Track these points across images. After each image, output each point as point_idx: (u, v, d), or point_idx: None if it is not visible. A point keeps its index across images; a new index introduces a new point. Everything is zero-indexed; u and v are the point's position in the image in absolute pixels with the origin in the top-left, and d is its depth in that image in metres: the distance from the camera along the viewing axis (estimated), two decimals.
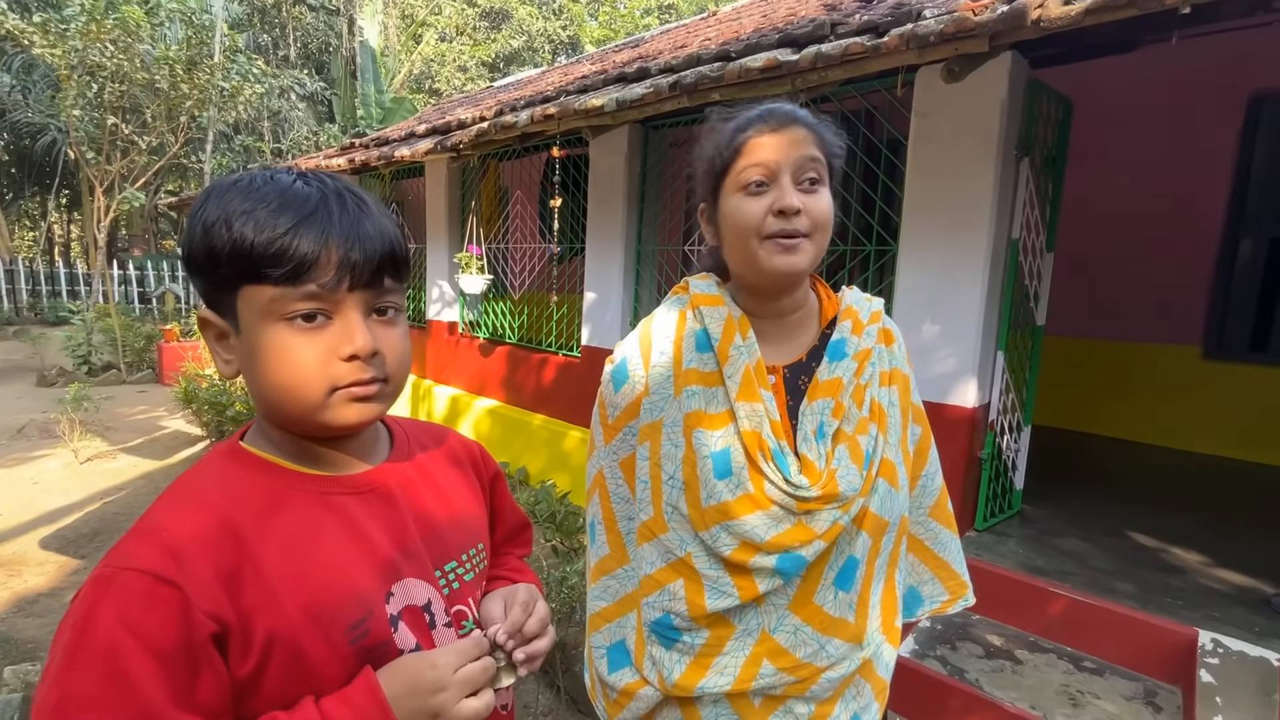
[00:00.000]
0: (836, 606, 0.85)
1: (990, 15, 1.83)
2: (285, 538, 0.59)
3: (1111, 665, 2.22)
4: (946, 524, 1.00)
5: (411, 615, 0.65)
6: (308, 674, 0.58)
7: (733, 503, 0.83)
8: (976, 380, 2.59)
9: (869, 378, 0.89)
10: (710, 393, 0.88)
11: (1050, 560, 2.57)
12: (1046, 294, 2.98)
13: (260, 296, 0.57)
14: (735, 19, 6.41)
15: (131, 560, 0.53)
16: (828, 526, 0.82)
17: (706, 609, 0.84)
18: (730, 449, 0.85)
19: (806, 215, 0.82)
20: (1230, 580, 2.45)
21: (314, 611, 0.58)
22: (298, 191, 0.59)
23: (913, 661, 2.21)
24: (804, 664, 0.84)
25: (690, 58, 2.94)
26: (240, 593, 0.55)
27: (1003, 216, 2.55)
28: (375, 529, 0.65)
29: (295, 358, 0.58)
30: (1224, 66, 3.88)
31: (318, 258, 0.57)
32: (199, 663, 0.53)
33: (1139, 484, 3.64)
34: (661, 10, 21.47)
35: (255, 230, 0.56)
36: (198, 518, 0.57)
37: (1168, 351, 4.31)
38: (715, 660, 0.85)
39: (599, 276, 4.16)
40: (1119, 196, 4.31)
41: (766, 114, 0.85)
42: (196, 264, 0.59)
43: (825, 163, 0.84)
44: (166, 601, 0.52)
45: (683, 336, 0.92)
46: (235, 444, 0.65)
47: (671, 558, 0.87)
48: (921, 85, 2.60)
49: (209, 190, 0.60)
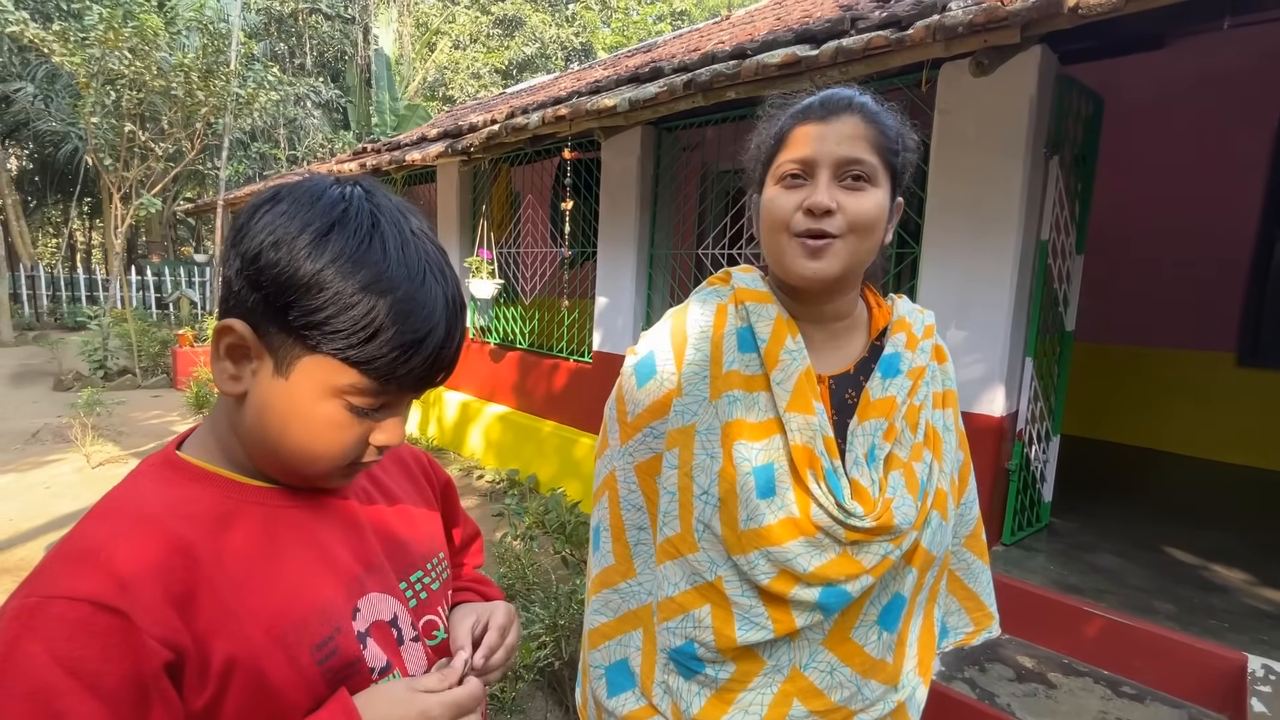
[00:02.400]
0: (879, 647, 0.77)
1: (1024, 4, 1.74)
2: (241, 554, 0.54)
3: (1153, 691, 2.09)
4: (980, 554, 0.94)
5: (379, 631, 0.60)
6: (270, 701, 0.52)
7: (775, 526, 0.74)
8: (1004, 388, 2.48)
9: (923, 398, 0.81)
10: (752, 398, 0.79)
11: (1083, 577, 2.45)
12: (1076, 298, 2.86)
13: (337, 376, 0.54)
14: (749, 22, 6.35)
15: (62, 588, 0.46)
16: (877, 561, 0.74)
17: (736, 641, 0.75)
18: (774, 465, 0.76)
19: (842, 215, 0.73)
20: (1278, 601, 2.32)
21: (276, 631, 0.53)
22: (435, 310, 0.55)
23: (940, 684, 2.10)
24: (839, 707, 0.76)
25: (705, 56, 2.87)
26: (194, 615, 0.50)
27: (1031, 217, 2.45)
28: (335, 543, 0.61)
29: (337, 436, 0.56)
30: (1256, 64, 3.74)
31: (420, 383, 0.57)
32: (149, 698, 0.47)
33: (1172, 496, 3.49)
34: (674, 16, 21.51)
35: (391, 349, 0.53)
36: (140, 536, 0.50)
37: (1200, 358, 4.15)
38: (740, 696, 0.77)
39: (611, 281, 4.09)
40: (1150, 197, 4.17)
41: (819, 102, 0.77)
42: (278, 299, 0.52)
43: (880, 159, 0.75)
44: (109, 632, 0.46)
45: (723, 334, 0.82)
46: (171, 455, 0.59)
47: (699, 581, 0.78)
48: (945, 82, 2.51)
49: (315, 222, 0.52)
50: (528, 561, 2.79)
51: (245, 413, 0.56)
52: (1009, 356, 2.47)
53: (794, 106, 0.79)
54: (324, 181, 0.56)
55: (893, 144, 0.76)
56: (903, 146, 0.78)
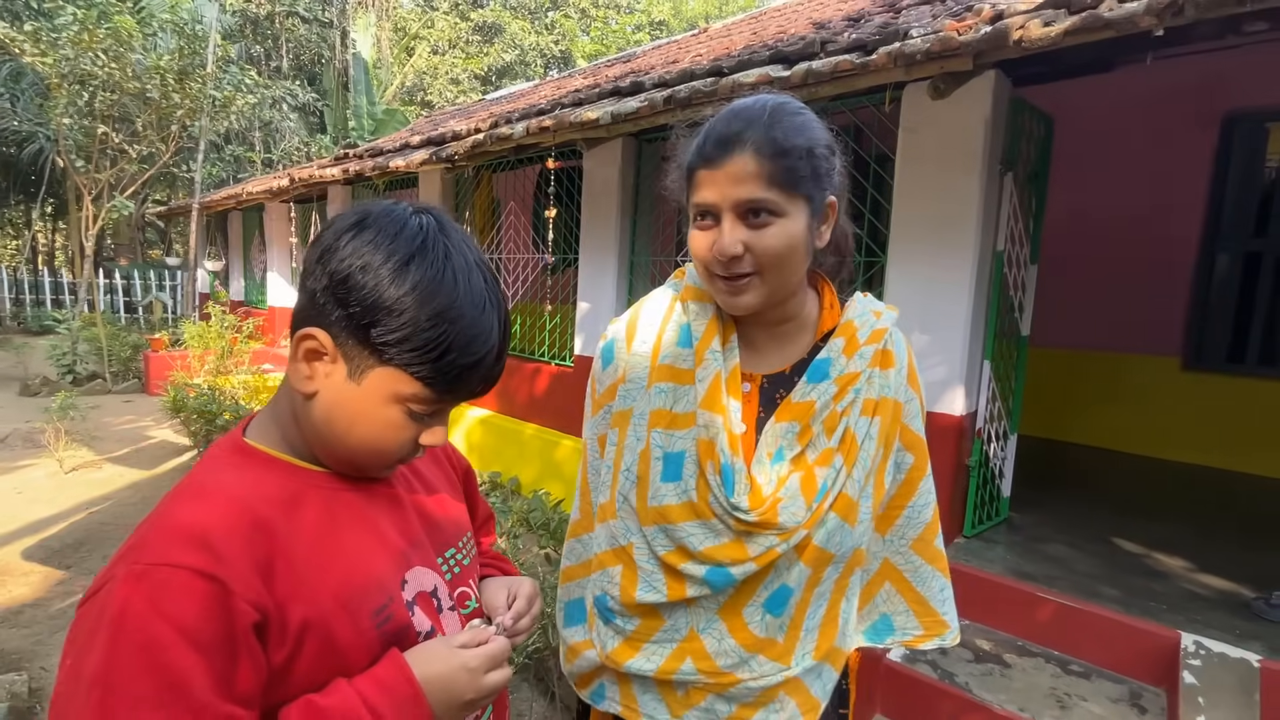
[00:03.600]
0: (764, 628, 0.84)
1: (974, 35, 1.90)
2: (309, 531, 0.62)
3: (1098, 668, 2.26)
4: (930, 560, 0.94)
5: (423, 600, 0.69)
6: (337, 659, 0.60)
7: (675, 507, 0.83)
8: (964, 389, 2.64)
9: (848, 404, 0.83)
10: (681, 390, 0.86)
11: (1037, 566, 2.61)
12: (1031, 305, 3.05)
13: (405, 387, 0.62)
14: (726, 35, 6.53)
15: (166, 557, 0.54)
16: (761, 552, 0.80)
17: (636, 599, 0.86)
18: (684, 454, 0.84)
19: (751, 254, 0.77)
20: (1212, 585, 2.51)
21: (342, 598, 0.61)
22: (491, 335, 0.64)
23: (903, 666, 2.24)
24: (725, 673, 0.84)
25: (683, 73, 3.00)
26: (274, 583, 0.57)
27: (987, 229, 2.62)
28: (384, 523, 0.69)
29: (396, 435, 0.65)
30: (1199, 86, 4.01)
31: (470, 394, 0.66)
32: (239, 653, 0.54)
33: (1122, 492, 3.71)
34: (653, 26, 21.74)
35: (453, 369, 0.62)
36: (228, 513, 0.58)
37: (1149, 363, 4.40)
38: (644, 646, 0.88)
39: (592, 286, 4.20)
40: (1101, 211, 4.42)
41: (713, 141, 0.78)
42: (362, 318, 0.60)
43: (780, 189, 0.76)
44: (207, 595, 0.53)
45: (667, 327, 0.90)
46: (239, 440, 0.67)
47: (616, 544, 0.89)
48: (909, 102, 2.68)
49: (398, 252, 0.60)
50: (513, 558, 2.87)
51: (314, 409, 0.64)
52: (968, 359, 2.64)
53: (694, 145, 0.81)
54: (404, 211, 0.63)
55: (794, 163, 0.76)
56: (808, 156, 0.77)
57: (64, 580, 3.23)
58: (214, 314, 6.60)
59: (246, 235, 10.23)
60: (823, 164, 0.79)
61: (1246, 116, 4.00)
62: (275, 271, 8.75)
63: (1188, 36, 2.13)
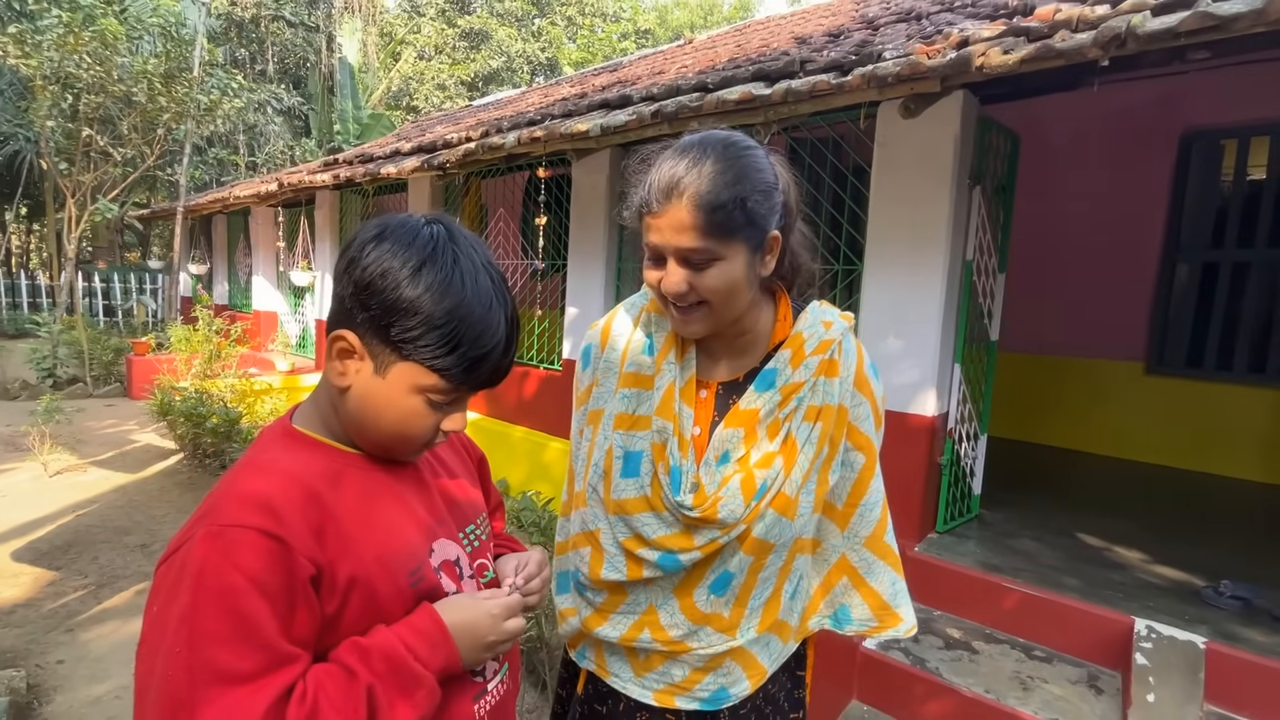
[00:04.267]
0: (709, 605, 0.95)
1: (940, 60, 2.04)
2: (351, 502, 0.72)
3: (1059, 653, 2.40)
4: (881, 555, 1.01)
5: (447, 568, 0.79)
6: (378, 612, 0.70)
7: (632, 500, 0.95)
8: (936, 391, 2.78)
9: (791, 411, 0.91)
10: (643, 395, 0.96)
11: (1005, 559, 2.75)
12: (999, 311, 3.21)
13: (424, 379, 0.70)
14: (711, 47, 6.69)
15: (236, 519, 0.63)
16: (706, 542, 0.91)
17: (600, 577, 0.98)
18: (642, 454, 0.95)
19: (695, 291, 0.85)
20: (1166, 575, 2.67)
21: (383, 559, 0.71)
22: (499, 330, 0.72)
23: (878, 653, 2.36)
24: (677, 641, 0.96)
25: (670, 88, 3.13)
26: (326, 543, 0.67)
27: (957, 240, 2.77)
28: (412, 499, 0.79)
29: (418, 422, 0.73)
30: (1157, 105, 4.23)
31: (483, 384, 0.74)
32: (298, 601, 0.64)
33: (1087, 490, 3.88)
34: (638, 35, 21.96)
35: (466, 361, 0.70)
36: (286, 485, 0.67)
37: (1115, 368, 4.60)
38: (611, 616, 1.00)
39: (581, 292, 4.30)
40: (1068, 222, 4.63)
41: (656, 192, 0.83)
42: (383, 319, 0.68)
43: (716, 237, 0.81)
44: (272, 551, 0.62)
45: (634, 336, 1.00)
46: (288, 426, 0.77)
47: (586, 528, 1.01)
48: (883, 118, 2.82)
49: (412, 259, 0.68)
50: None
51: (348, 401, 0.73)
52: (939, 363, 2.78)
53: (644, 187, 0.87)
54: (418, 223, 0.72)
55: (727, 215, 0.81)
56: (744, 204, 0.82)
57: (55, 581, 3.25)
58: (201, 317, 6.59)
59: (231, 239, 10.18)
60: (759, 208, 0.84)
61: (1203, 134, 4.22)
62: (261, 275, 8.73)
63: (1138, 63, 2.30)
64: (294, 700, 0.62)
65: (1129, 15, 1.77)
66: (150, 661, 0.60)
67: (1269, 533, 3.31)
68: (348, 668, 0.66)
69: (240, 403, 5.43)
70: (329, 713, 0.63)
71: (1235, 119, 4.09)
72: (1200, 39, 1.73)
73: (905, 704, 2.27)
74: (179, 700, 0.57)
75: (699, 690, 0.97)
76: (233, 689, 0.59)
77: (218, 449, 4.93)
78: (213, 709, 0.57)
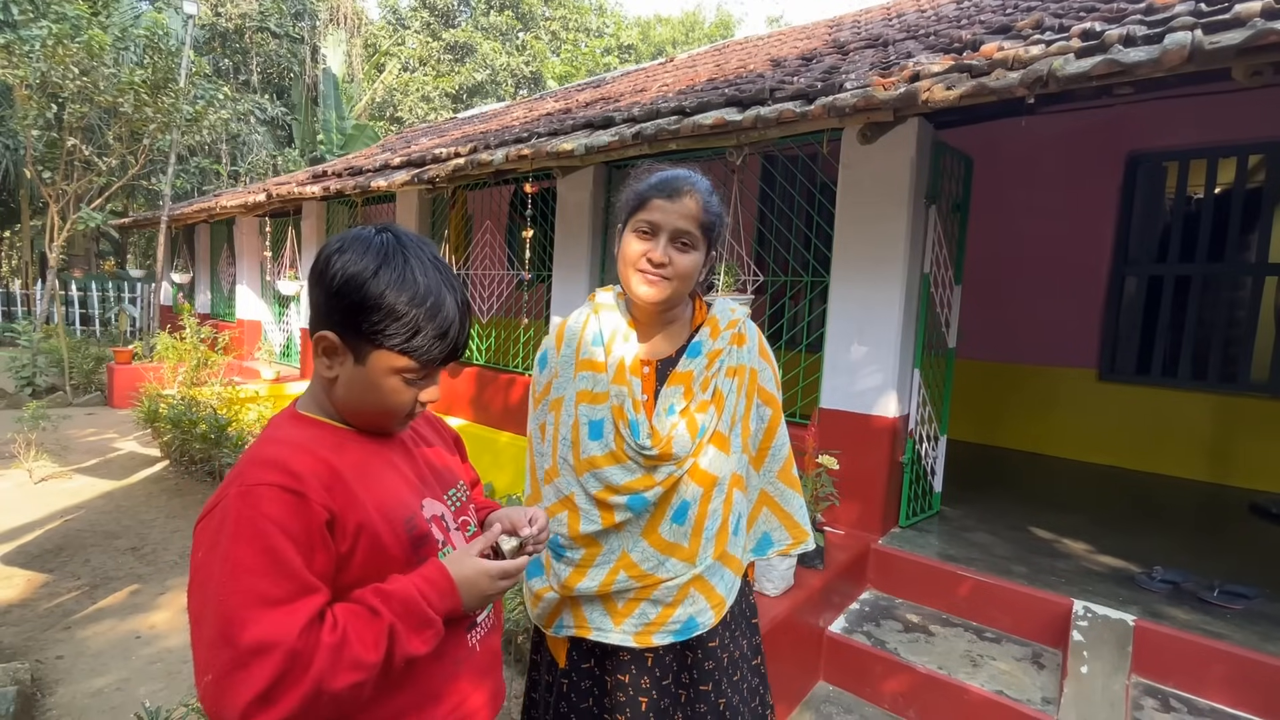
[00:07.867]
0: (672, 534, 1.17)
1: (893, 93, 2.27)
2: (352, 466, 0.87)
3: (1007, 635, 2.60)
4: (791, 485, 1.31)
5: (436, 521, 0.95)
6: (381, 554, 0.85)
7: (599, 456, 1.17)
8: (897, 394, 2.99)
9: (715, 370, 1.20)
10: (599, 376, 1.21)
11: (961, 550, 2.96)
12: (956, 320, 3.44)
13: (396, 361, 0.84)
14: (691, 66, 6.94)
15: (261, 479, 0.77)
16: (665, 477, 1.15)
17: (580, 531, 1.18)
18: (604, 419, 1.18)
19: (671, 267, 1.12)
20: (1105, 563, 2.89)
21: (382, 510, 0.86)
22: (451, 312, 0.86)
23: (843, 637, 2.55)
24: (648, 575, 1.16)
25: (650, 110, 3.33)
26: (335, 496, 0.80)
27: (915, 255, 3.00)
28: (401, 464, 0.95)
29: (398, 398, 0.87)
30: (1104, 129, 4.54)
31: (446, 359, 0.88)
32: (315, 543, 0.77)
33: (1041, 489, 4.13)
34: (621, 50, 22.32)
35: (428, 341, 0.84)
36: (299, 452, 0.82)
37: (1069, 374, 4.88)
38: (589, 570, 1.18)
39: (566, 302, 4.47)
40: (1024, 238, 4.92)
41: (668, 182, 1.13)
42: (354, 315, 0.81)
43: (701, 231, 1.13)
44: (292, 502, 0.76)
45: (584, 334, 1.25)
46: (294, 411, 0.93)
47: (561, 495, 1.21)
48: (846, 142, 3.05)
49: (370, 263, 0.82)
50: None
51: (338, 389, 0.87)
52: (900, 368, 3.00)
53: (654, 178, 1.15)
54: (369, 233, 0.86)
55: (712, 219, 1.15)
56: (719, 221, 1.17)
57: (49, 583, 3.32)
58: (188, 326, 6.63)
59: (215, 248, 10.19)
60: (721, 231, 1.20)
61: (1146, 157, 4.54)
62: (245, 285, 8.77)
63: (1072, 96, 2.55)
64: (326, 627, 0.77)
65: (1053, 58, 2.01)
66: (202, 594, 0.75)
67: (1204, 526, 3.57)
68: (372, 608, 0.81)
69: (228, 410, 5.50)
70: (355, 641, 0.78)
71: (1175, 143, 4.41)
72: (1113, 80, 1.97)
73: (867, 682, 2.46)
74: (228, 619, 0.72)
75: (671, 623, 1.16)
76: (271, 610, 0.73)
77: (206, 455, 4.99)
78: (257, 626, 0.72)
